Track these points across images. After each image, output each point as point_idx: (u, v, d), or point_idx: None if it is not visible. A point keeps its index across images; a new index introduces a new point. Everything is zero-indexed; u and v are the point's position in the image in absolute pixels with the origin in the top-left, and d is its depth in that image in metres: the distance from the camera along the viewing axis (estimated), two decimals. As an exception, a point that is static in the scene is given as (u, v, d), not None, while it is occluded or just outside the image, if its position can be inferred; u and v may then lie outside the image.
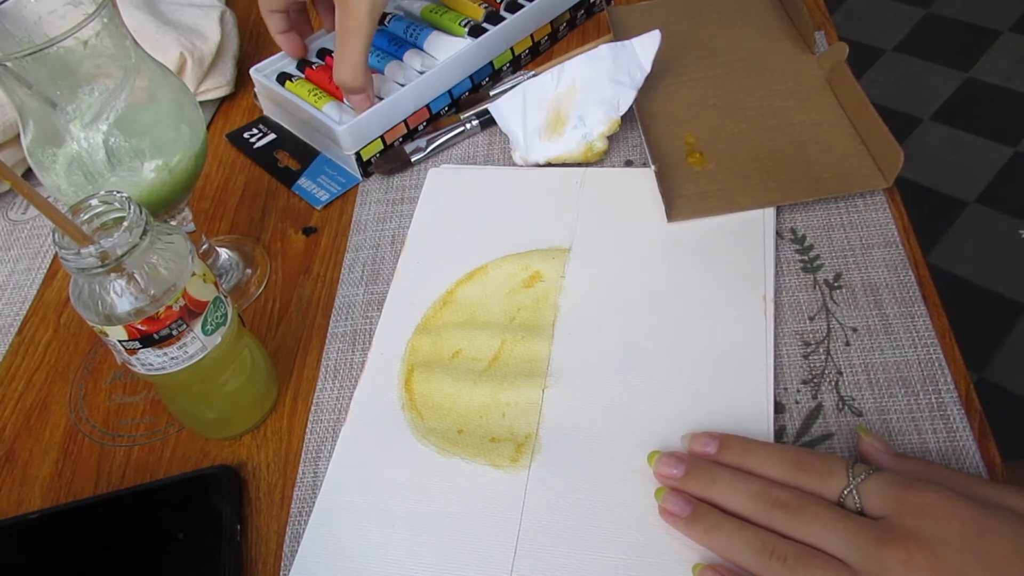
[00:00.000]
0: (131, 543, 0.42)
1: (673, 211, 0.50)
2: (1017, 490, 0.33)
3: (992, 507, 0.31)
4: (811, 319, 0.44)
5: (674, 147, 0.53)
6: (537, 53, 0.65)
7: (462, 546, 0.39)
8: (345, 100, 0.57)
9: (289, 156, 0.61)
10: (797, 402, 0.41)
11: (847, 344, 0.43)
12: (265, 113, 0.65)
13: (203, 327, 0.39)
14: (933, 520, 0.31)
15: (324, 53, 0.62)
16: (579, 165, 0.55)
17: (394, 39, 0.62)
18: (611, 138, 0.55)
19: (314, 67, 0.61)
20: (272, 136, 0.63)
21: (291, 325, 0.51)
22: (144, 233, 0.36)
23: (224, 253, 0.54)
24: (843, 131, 0.52)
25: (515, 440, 0.42)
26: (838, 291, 0.45)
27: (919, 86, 1.66)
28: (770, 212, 0.49)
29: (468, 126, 0.59)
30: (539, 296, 0.48)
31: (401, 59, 0.60)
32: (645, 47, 0.54)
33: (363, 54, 0.53)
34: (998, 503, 0.32)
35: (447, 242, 0.52)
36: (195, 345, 0.39)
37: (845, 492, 0.34)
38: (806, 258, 0.47)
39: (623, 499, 0.39)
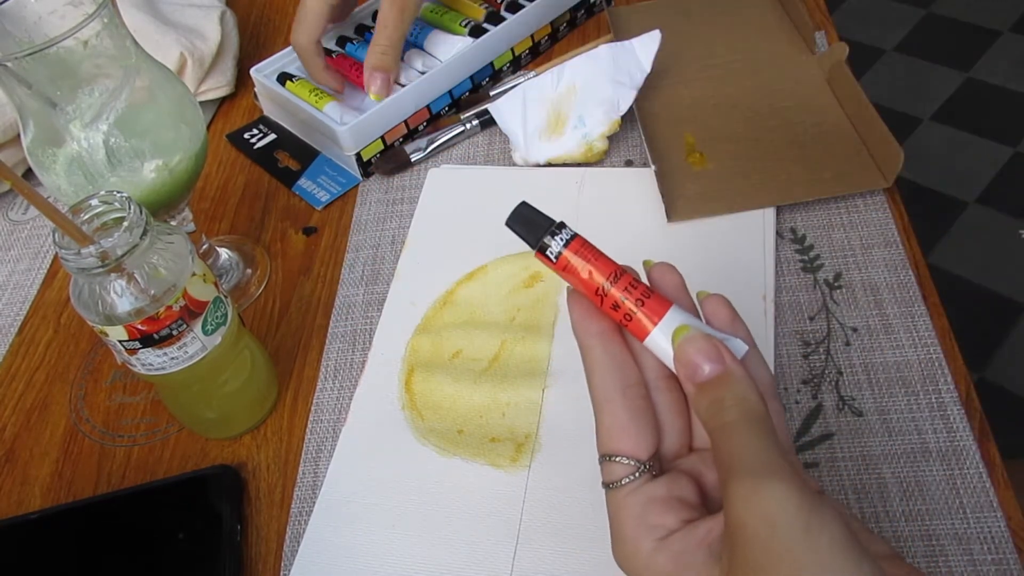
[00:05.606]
0: (131, 543, 0.42)
1: (673, 211, 0.50)
2: None
3: None
4: (811, 319, 0.44)
5: (674, 147, 0.53)
6: (537, 53, 0.65)
7: (462, 546, 0.39)
8: (368, 87, 0.56)
9: (289, 156, 0.61)
10: (797, 402, 0.41)
11: (847, 344, 0.43)
12: (265, 113, 0.65)
13: (203, 327, 0.39)
14: None
15: (344, 41, 0.63)
16: (579, 165, 0.55)
17: (394, 39, 0.62)
18: (611, 138, 0.55)
19: (333, 55, 0.62)
20: (272, 136, 0.63)
21: (291, 325, 0.51)
22: (144, 233, 0.36)
23: (224, 253, 0.54)
24: (843, 131, 0.52)
25: (515, 440, 0.42)
26: (838, 291, 0.45)
27: (919, 86, 1.66)
28: (770, 212, 0.49)
29: (468, 126, 0.59)
30: (539, 296, 0.48)
31: (402, 59, 0.60)
32: (645, 47, 0.54)
33: (401, 40, 0.56)
34: None
35: (447, 242, 0.52)
36: (195, 345, 0.39)
37: None
38: (806, 258, 0.47)
39: (623, 499, 0.39)
